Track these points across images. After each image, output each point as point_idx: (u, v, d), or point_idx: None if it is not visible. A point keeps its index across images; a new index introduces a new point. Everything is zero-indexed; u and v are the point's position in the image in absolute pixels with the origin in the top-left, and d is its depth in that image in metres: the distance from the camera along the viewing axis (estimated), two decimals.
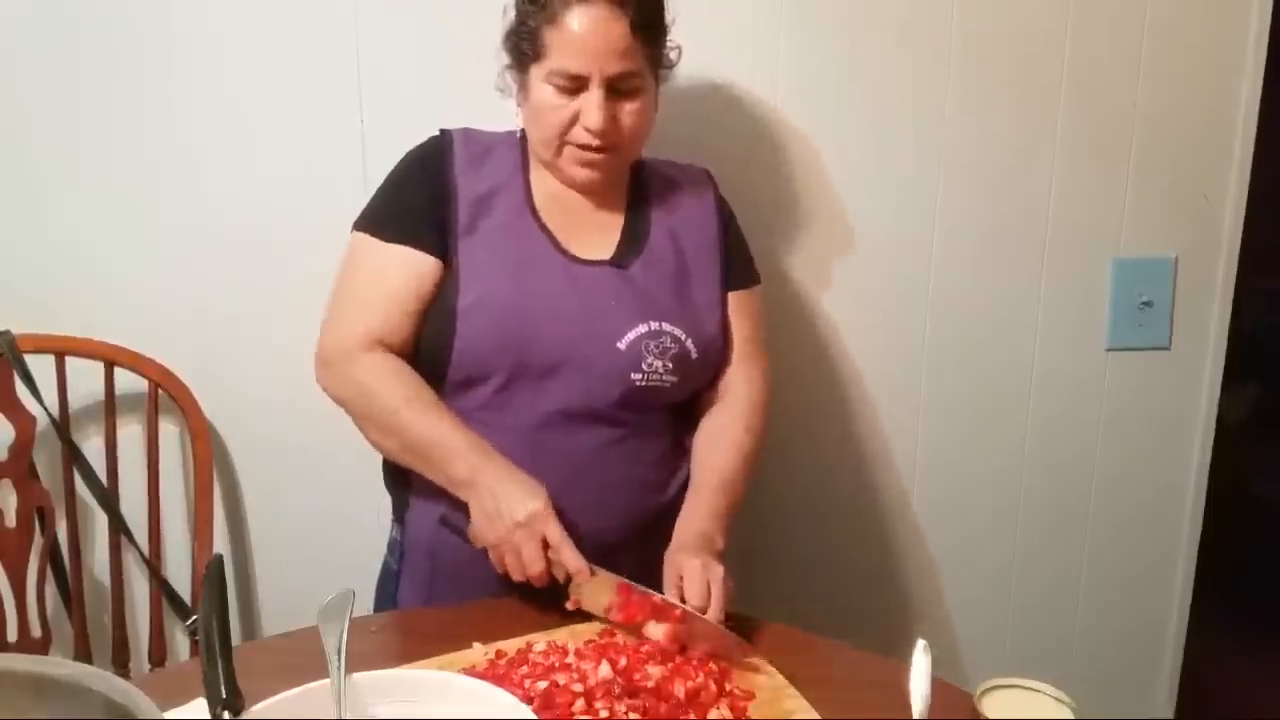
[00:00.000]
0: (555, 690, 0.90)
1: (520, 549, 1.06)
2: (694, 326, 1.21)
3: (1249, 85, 1.59)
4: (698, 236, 1.26)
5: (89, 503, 1.48)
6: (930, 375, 1.65)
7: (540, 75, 1.15)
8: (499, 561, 1.09)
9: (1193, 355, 1.69)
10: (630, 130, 1.18)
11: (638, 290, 1.19)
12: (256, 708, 0.76)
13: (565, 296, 1.17)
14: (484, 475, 1.09)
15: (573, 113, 1.14)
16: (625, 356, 1.16)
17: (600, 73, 1.12)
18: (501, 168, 1.23)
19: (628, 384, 1.16)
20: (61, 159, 1.46)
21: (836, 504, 1.68)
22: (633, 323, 1.17)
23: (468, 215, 1.18)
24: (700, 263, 1.25)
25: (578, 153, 1.17)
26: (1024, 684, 0.84)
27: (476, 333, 1.15)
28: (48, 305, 1.47)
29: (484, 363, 1.16)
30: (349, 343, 1.16)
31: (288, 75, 1.46)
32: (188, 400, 1.48)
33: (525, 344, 1.15)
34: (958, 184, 1.58)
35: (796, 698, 0.94)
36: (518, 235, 1.19)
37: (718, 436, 1.24)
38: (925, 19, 1.52)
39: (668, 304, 1.20)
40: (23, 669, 0.64)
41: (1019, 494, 1.72)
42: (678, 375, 1.19)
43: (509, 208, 1.20)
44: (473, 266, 1.17)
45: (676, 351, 1.18)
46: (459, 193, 1.19)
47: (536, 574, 1.06)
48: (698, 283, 1.24)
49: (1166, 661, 1.81)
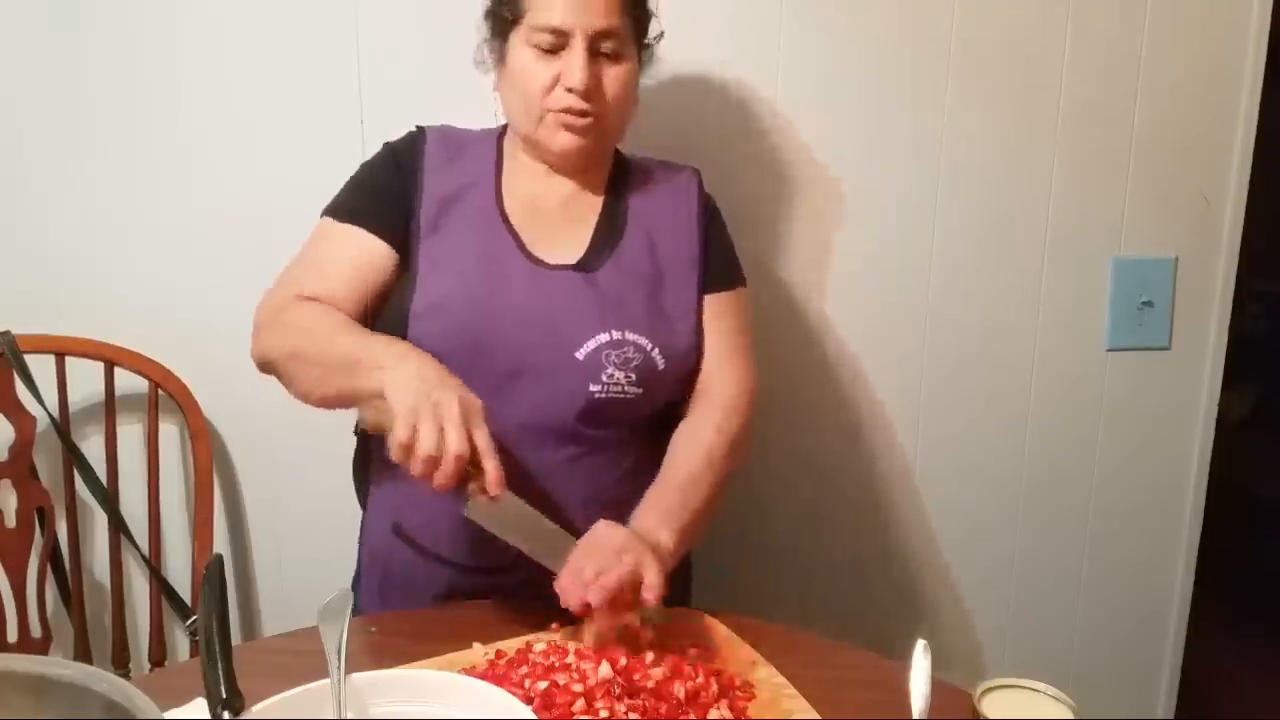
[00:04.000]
0: (555, 690, 0.90)
1: (443, 420, 0.93)
2: (663, 336, 1.15)
3: (1249, 86, 1.59)
4: (675, 240, 1.21)
5: (89, 503, 1.48)
6: (930, 375, 1.65)
7: (521, 38, 1.12)
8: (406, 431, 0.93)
9: (1193, 355, 1.69)
10: (614, 99, 1.14)
11: (602, 296, 1.14)
12: (256, 708, 0.76)
13: (525, 301, 1.12)
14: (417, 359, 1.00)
15: (554, 75, 1.11)
16: (583, 366, 1.11)
17: (583, 29, 1.09)
18: (474, 166, 1.20)
19: (586, 395, 1.11)
20: (62, 159, 1.46)
21: (836, 504, 1.68)
22: (593, 331, 1.11)
23: (432, 215, 1.15)
24: (676, 268, 1.19)
25: (559, 117, 1.12)
26: (1024, 684, 0.83)
27: (429, 337, 1.09)
28: (48, 305, 1.47)
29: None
30: (279, 301, 1.13)
31: (288, 75, 1.46)
32: (188, 400, 1.48)
33: (480, 349, 1.10)
34: (958, 184, 1.58)
35: (796, 698, 0.94)
36: (482, 235, 1.15)
37: (687, 435, 1.17)
38: (924, 18, 1.52)
39: (635, 312, 1.14)
40: (23, 669, 0.64)
41: (1019, 494, 1.72)
42: (641, 387, 1.13)
43: (476, 207, 1.17)
44: (431, 268, 1.13)
45: (640, 362, 1.12)
46: (425, 191, 1.16)
47: (452, 455, 0.92)
48: (672, 289, 1.18)
49: (1166, 661, 1.81)
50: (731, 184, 1.43)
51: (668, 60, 1.24)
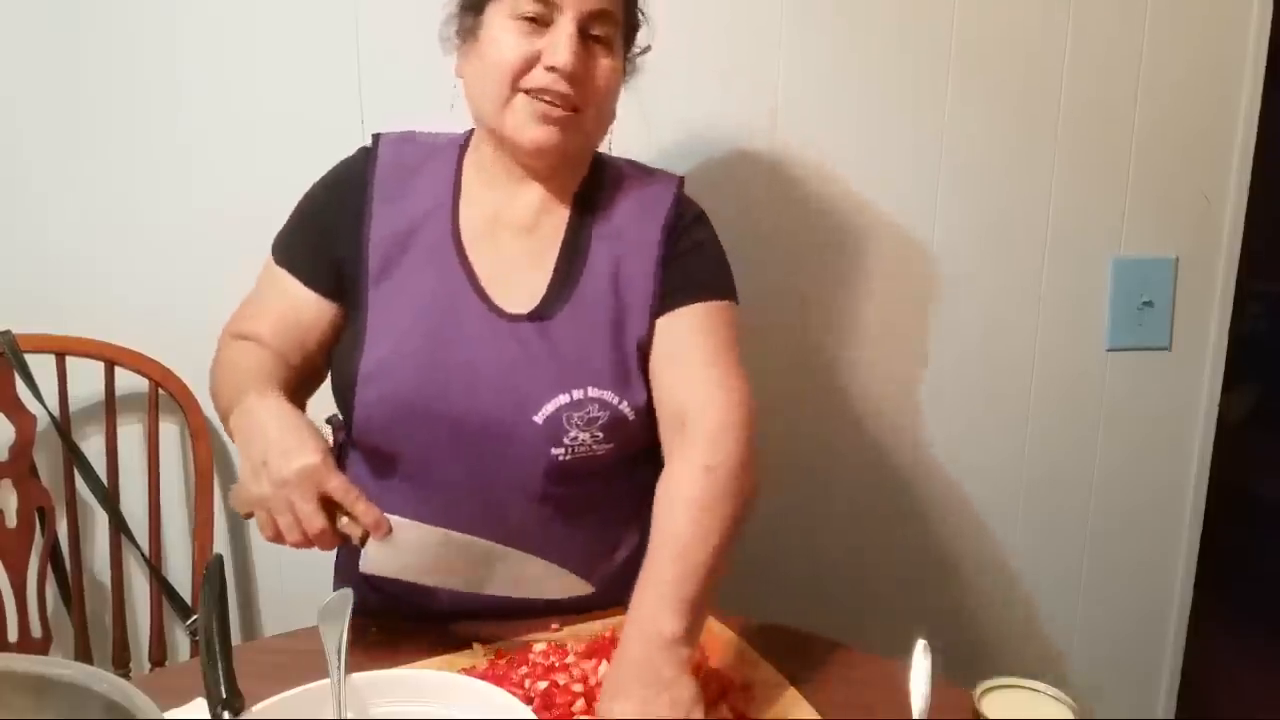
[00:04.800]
0: (555, 690, 0.90)
1: (293, 506, 0.89)
2: (628, 387, 1.04)
3: (1249, 86, 1.59)
4: (638, 263, 1.07)
5: (89, 503, 1.48)
6: (930, 375, 1.65)
7: (502, 12, 0.99)
8: (268, 524, 0.91)
9: (1193, 355, 1.69)
10: (597, 93, 1.02)
11: (560, 351, 1.03)
12: (256, 708, 0.76)
13: (479, 361, 1.02)
14: (253, 423, 0.94)
15: (534, 51, 0.98)
16: (544, 430, 1.01)
17: (576, 4, 0.98)
18: (429, 189, 1.09)
19: (549, 460, 1.02)
20: (62, 159, 1.46)
21: (836, 504, 1.68)
22: (551, 392, 1.01)
23: (380, 257, 1.05)
24: (636, 300, 1.06)
25: (534, 103, 0.99)
26: (1024, 684, 0.84)
27: (378, 405, 1.02)
28: (48, 305, 1.47)
29: (387, 437, 1.04)
30: (223, 337, 1.12)
31: (288, 75, 1.46)
32: (188, 400, 1.48)
33: (433, 414, 1.02)
34: (958, 184, 1.58)
35: (796, 698, 0.94)
36: (436, 278, 1.05)
37: (673, 488, 0.96)
38: (925, 19, 1.52)
39: (597, 364, 1.03)
40: (23, 669, 0.64)
41: (1019, 494, 1.72)
42: (611, 441, 1.03)
43: (430, 242, 1.06)
44: (381, 320, 1.04)
45: (607, 419, 1.02)
46: (372, 228, 1.06)
47: (316, 532, 0.89)
48: (633, 329, 1.05)
49: (1166, 661, 1.81)
50: (731, 185, 1.43)
51: (667, 61, 1.24)
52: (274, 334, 1.08)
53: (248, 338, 1.09)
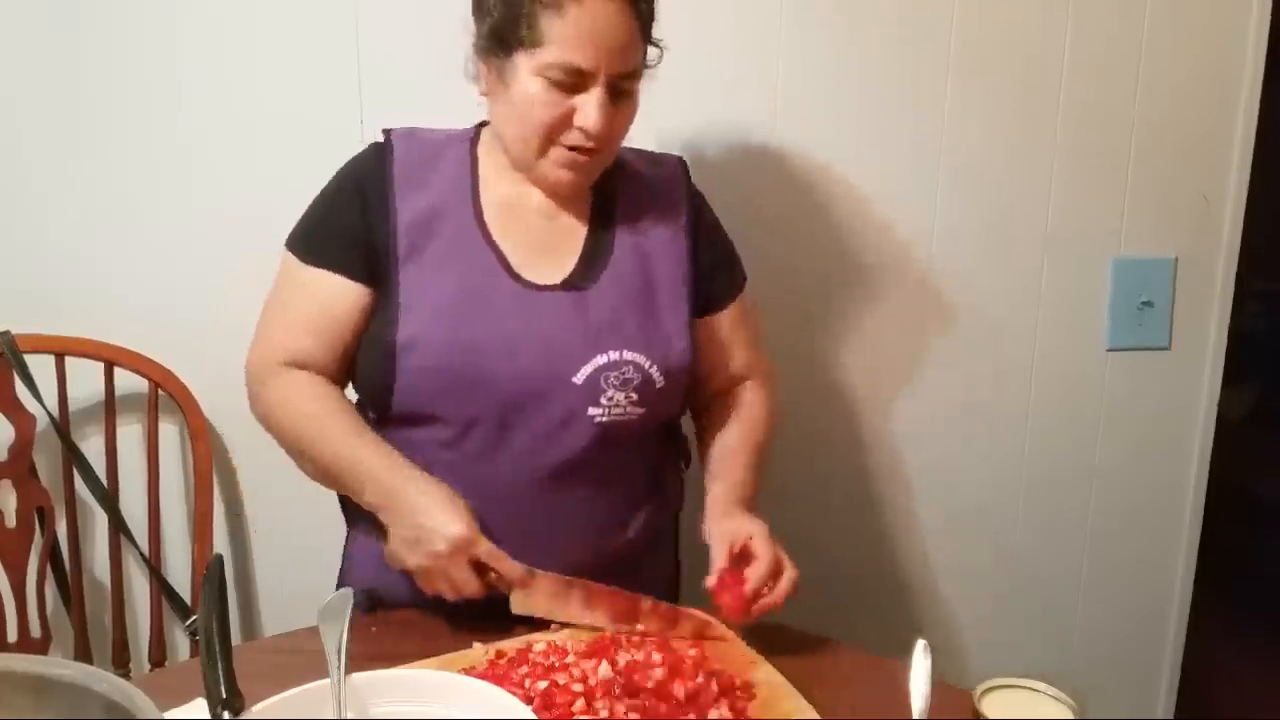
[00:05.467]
0: (555, 690, 0.90)
1: (449, 574, 1.01)
2: (659, 352, 1.11)
3: (1249, 85, 1.60)
4: (667, 249, 1.16)
5: (89, 503, 1.48)
6: (930, 375, 1.65)
7: (531, 66, 1.03)
8: (428, 586, 1.04)
9: (1193, 355, 1.69)
10: (620, 131, 1.10)
11: (595, 316, 1.09)
12: (256, 708, 0.76)
13: (516, 329, 1.07)
14: (400, 500, 1.03)
15: (567, 110, 1.04)
16: (582, 391, 1.07)
17: (607, 70, 1.03)
18: (449, 178, 1.13)
19: (588, 422, 1.08)
20: (61, 159, 1.46)
21: (836, 504, 1.68)
22: (589, 354, 1.07)
23: (409, 240, 1.09)
24: (667, 280, 1.15)
25: (565, 154, 1.07)
26: (1024, 684, 0.84)
27: (418, 372, 1.06)
28: (48, 305, 1.47)
29: (428, 403, 1.08)
30: (264, 364, 1.12)
31: (288, 75, 1.46)
32: (188, 400, 1.48)
33: (472, 382, 1.06)
34: (957, 184, 1.58)
35: (796, 698, 0.93)
36: (465, 259, 1.09)
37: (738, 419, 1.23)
38: (924, 18, 1.52)
39: (629, 329, 1.10)
40: (23, 669, 0.64)
41: (1019, 494, 1.72)
42: (643, 406, 1.10)
43: (455, 226, 1.10)
44: (414, 297, 1.08)
45: (640, 381, 1.09)
46: (398, 216, 1.09)
47: (472, 593, 1.02)
48: (665, 302, 1.14)
49: (1166, 661, 1.81)
50: (731, 184, 1.43)
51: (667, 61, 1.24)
52: (318, 343, 1.11)
53: (298, 362, 1.11)
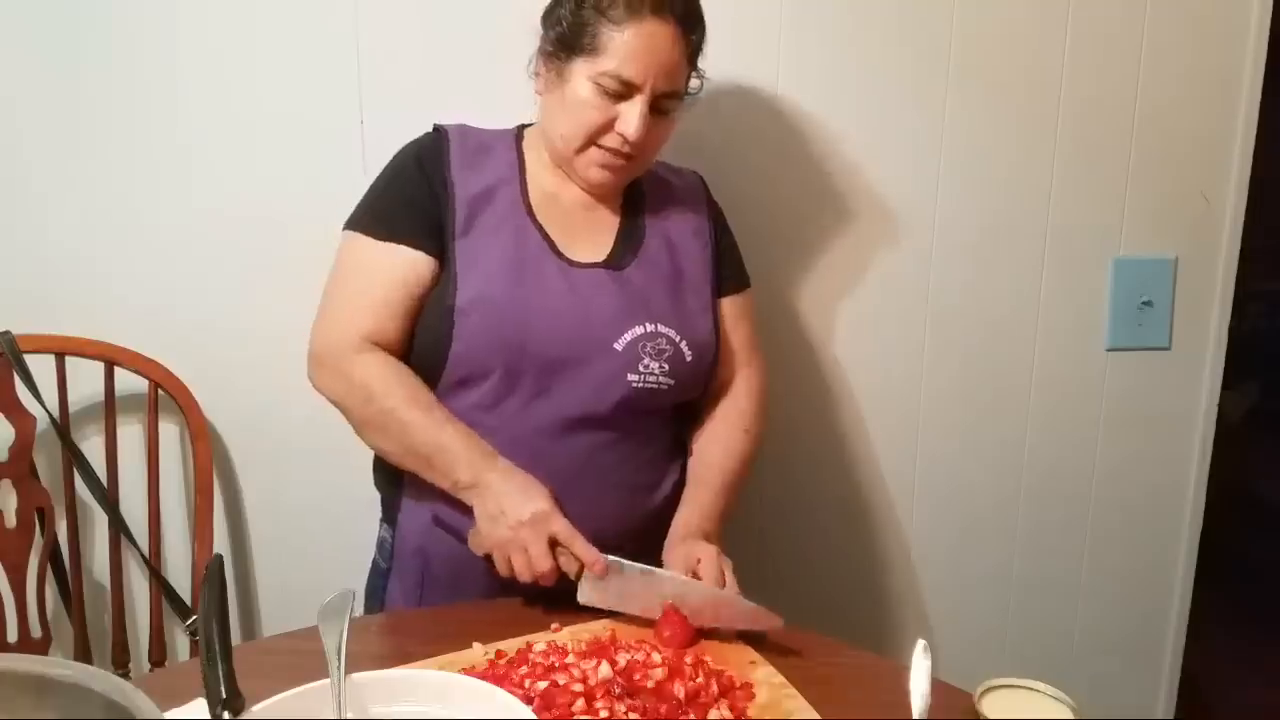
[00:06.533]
0: (555, 690, 0.90)
1: (527, 547, 1.06)
2: (688, 329, 1.21)
3: (1249, 85, 1.59)
4: (691, 243, 1.27)
5: (89, 503, 1.48)
6: (930, 375, 1.65)
7: (586, 71, 1.14)
8: (504, 563, 1.09)
9: (1193, 355, 1.69)
10: (656, 144, 1.21)
11: (633, 292, 1.20)
12: (256, 708, 0.76)
13: (562, 297, 1.17)
14: (487, 477, 1.10)
15: (611, 116, 1.15)
16: (622, 358, 1.17)
17: (653, 86, 1.13)
18: (499, 166, 1.23)
19: (625, 386, 1.17)
20: (61, 159, 1.46)
21: (836, 504, 1.68)
22: (629, 324, 1.17)
23: (465, 214, 1.18)
24: (693, 268, 1.26)
25: (603, 155, 1.17)
26: (1024, 684, 0.84)
27: (475, 331, 1.14)
28: (48, 305, 1.47)
29: (482, 362, 1.15)
30: (344, 343, 1.16)
31: (288, 75, 1.46)
32: (188, 400, 1.48)
33: (523, 343, 1.14)
34: (957, 184, 1.58)
35: (796, 698, 0.94)
36: (514, 235, 1.19)
37: (719, 437, 1.27)
38: (924, 18, 1.52)
39: (663, 306, 1.21)
40: (23, 669, 0.64)
41: (1019, 494, 1.72)
42: (673, 378, 1.20)
43: (506, 207, 1.20)
44: (470, 265, 1.16)
45: (672, 354, 1.19)
46: (455, 191, 1.19)
47: (545, 571, 1.06)
48: (691, 287, 1.25)
49: (1166, 661, 1.81)
50: (731, 184, 1.43)
51: None
52: (394, 320, 1.17)
53: (375, 340, 1.16)
